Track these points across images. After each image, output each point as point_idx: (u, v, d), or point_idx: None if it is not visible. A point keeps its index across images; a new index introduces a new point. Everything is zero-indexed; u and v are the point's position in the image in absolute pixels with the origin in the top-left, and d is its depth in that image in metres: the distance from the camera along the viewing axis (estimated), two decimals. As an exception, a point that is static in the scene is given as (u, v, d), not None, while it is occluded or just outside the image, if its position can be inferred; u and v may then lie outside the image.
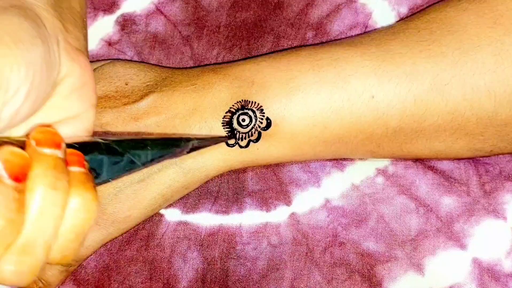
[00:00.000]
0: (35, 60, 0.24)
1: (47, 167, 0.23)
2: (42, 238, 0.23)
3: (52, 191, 0.23)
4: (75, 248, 0.24)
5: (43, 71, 0.25)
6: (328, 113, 0.33)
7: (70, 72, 0.28)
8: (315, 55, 0.34)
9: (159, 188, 0.35)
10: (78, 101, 0.28)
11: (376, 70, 0.33)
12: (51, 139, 0.24)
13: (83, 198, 0.24)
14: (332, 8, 0.39)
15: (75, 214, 0.24)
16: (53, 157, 0.23)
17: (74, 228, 0.24)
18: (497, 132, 0.33)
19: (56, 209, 0.23)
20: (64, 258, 0.24)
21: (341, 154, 0.36)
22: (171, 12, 0.40)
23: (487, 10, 0.33)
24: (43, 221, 0.22)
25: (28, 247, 0.22)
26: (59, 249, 0.24)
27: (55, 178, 0.23)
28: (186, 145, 0.30)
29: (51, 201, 0.23)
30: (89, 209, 0.24)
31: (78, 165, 0.25)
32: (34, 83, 0.24)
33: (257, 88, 0.34)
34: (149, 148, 0.28)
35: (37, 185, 0.22)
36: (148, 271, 0.38)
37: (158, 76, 0.35)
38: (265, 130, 0.34)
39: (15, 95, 0.23)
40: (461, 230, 0.37)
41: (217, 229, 0.38)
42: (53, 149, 0.24)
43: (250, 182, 0.39)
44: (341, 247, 0.37)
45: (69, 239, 0.24)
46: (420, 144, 0.34)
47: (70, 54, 0.28)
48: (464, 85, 0.32)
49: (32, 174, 0.23)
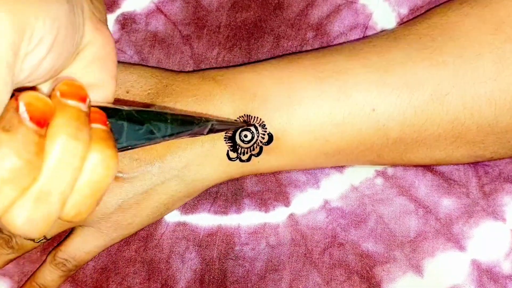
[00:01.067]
0: (60, 15, 0.24)
1: (70, 117, 0.23)
2: (59, 188, 0.22)
3: (73, 141, 0.22)
4: (91, 206, 0.24)
5: (67, 28, 0.24)
6: (329, 127, 0.33)
7: (93, 41, 0.27)
8: (318, 66, 0.34)
9: (162, 198, 0.35)
10: (99, 71, 0.28)
11: (377, 82, 0.33)
12: (76, 92, 0.24)
13: (103, 154, 0.24)
14: (332, 9, 0.39)
15: (94, 169, 0.23)
16: (76, 109, 0.23)
17: (91, 184, 0.23)
18: (497, 140, 0.33)
19: (75, 160, 0.23)
20: (77, 215, 0.24)
21: (341, 163, 0.37)
22: (171, 12, 0.40)
23: (489, 15, 0.33)
24: (61, 170, 0.22)
25: (43, 194, 0.22)
26: (74, 203, 0.23)
27: (77, 129, 0.23)
28: (206, 125, 0.30)
29: (71, 151, 0.22)
30: (108, 166, 0.24)
31: (100, 123, 0.25)
32: (58, 37, 0.24)
33: (259, 101, 0.34)
34: (169, 122, 0.28)
35: (58, 133, 0.22)
36: (146, 272, 0.38)
37: (159, 82, 0.35)
38: (267, 145, 0.34)
39: (38, 45, 0.23)
40: (460, 231, 0.37)
41: (215, 230, 0.38)
42: (77, 102, 0.24)
43: (249, 183, 0.39)
44: (340, 248, 0.37)
45: (85, 194, 0.24)
46: (421, 153, 0.34)
47: (94, 23, 0.28)
48: (464, 94, 0.32)
49: (55, 123, 0.23)
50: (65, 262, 0.36)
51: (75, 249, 0.36)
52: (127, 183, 0.34)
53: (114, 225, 0.35)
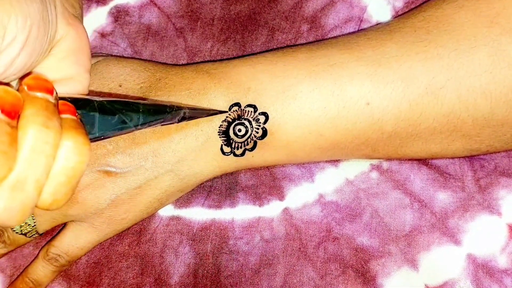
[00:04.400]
0: (33, 13, 0.25)
1: (39, 108, 0.24)
2: (34, 176, 0.23)
3: (44, 129, 0.23)
4: (67, 193, 0.25)
5: (40, 26, 0.25)
6: (323, 121, 0.33)
7: (66, 35, 0.28)
8: (312, 60, 0.34)
9: (155, 193, 0.35)
10: (73, 65, 0.29)
11: (372, 76, 0.32)
12: (43, 85, 0.25)
13: (75, 141, 0.24)
14: (327, 2, 0.39)
15: (67, 156, 0.24)
16: (44, 100, 0.24)
17: (65, 171, 0.24)
18: (493, 133, 0.33)
19: (48, 148, 0.23)
20: (54, 202, 0.25)
21: (336, 157, 0.36)
22: (165, 4, 0.40)
23: (484, 7, 0.32)
24: (35, 158, 0.23)
25: (19, 183, 0.23)
26: (50, 191, 0.24)
27: (47, 118, 0.24)
28: (178, 113, 0.31)
29: (43, 139, 0.23)
30: (80, 152, 0.25)
31: (69, 113, 0.25)
32: (31, 36, 0.25)
33: (253, 95, 0.34)
34: (141, 111, 0.29)
35: (29, 123, 0.23)
36: (139, 266, 0.38)
37: (152, 76, 0.35)
38: (261, 140, 0.34)
39: (11, 44, 0.24)
40: (455, 225, 0.37)
41: (209, 224, 0.38)
42: (45, 93, 0.24)
43: (243, 177, 0.38)
44: (335, 242, 0.37)
45: (61, 181, 0.24)
46: (416, 147, 0.34)
47: (66, 18, 0.29)
48: (459, 87, 0.32)
49: (25, 114, 0.23)
50: (58, 258, 0.36)
51: (67, 244, 0.36)
52: (120, 178, 0.34)
53: (107, 220, 0.35)
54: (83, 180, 0.34)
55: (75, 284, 0.38)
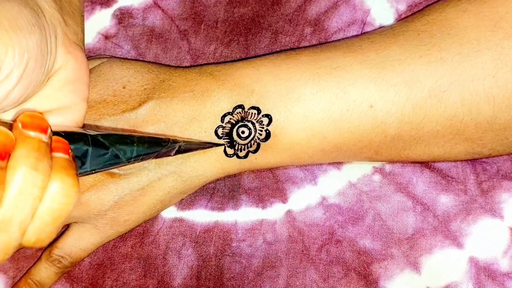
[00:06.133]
0: (31, 47, 0.25)
1: (30, 149, 0.23)
2: (19, 217, 0.23)
3: (33, 171, 0.23)
4: (51, 232, 0.25)
5: (37, 58, 0.25)
6: (327, 124, 0.33)
7: (65, 65, 0.28)
8: (315, 63, 0.34)
9: (158, 194, 0.35)
10: (71, 94, 0.29)
11: (375, 79, 0.32)
12: (37, 123, 0.25)
13: (63, 182, 0.24)
14: (330, 5, 0.39)
15: (54, 198, 0.24)
16: (37, 140, 0.24)
17: (51, 212, 0.24)
18: (496, 136, 0.33)
19: (35, 190, 0.23)
20: (38, 241, 0.25)
21: (339, 160, 0.37)
22: (169, 6, 0.40)
23: (487, 12, 0.32)
24: (21, 200, 0.23)
25: (3, 224, 0.23)
26: (34, 231, 0.24)
27: (37, 160, 0.23)
28: (173, 146, 0.31)
29: (31, 181, 0.23)
30: (68, 194, 0.24)
31: (62, 151, 0.25)
32: (27, 69, 0.25)
33: (256, 97, 0.34)
34: (135, 144, 0.29)
35: (19, 164, 0.23)
36: (142, 268, 0.38)
37: (155, 78, 0.35)
38: (264, 142, 0.34)
39: (7, 78, 0.24)
40: (458, 229, 0.37)
41: (212, 226, 0.38)
42: (38, 133, 0.24)
43: (246, 179, 0.38)
44: (338, 245, 0.37)
45: (46, 222, 0.24)
46: (419, 150, 0.34)
47: (67, 47, 0.28)
48: (462, 91, 0.32)
49: (15, 154, 0.23)
50: (61, 259, 0.36)
51: (70, 246, 0.36)
52: (123, 180, 0.34)
53: (110, 222, 0.35)
54: (86, 182, 0.34)
55: (78, 286, 0.38)
